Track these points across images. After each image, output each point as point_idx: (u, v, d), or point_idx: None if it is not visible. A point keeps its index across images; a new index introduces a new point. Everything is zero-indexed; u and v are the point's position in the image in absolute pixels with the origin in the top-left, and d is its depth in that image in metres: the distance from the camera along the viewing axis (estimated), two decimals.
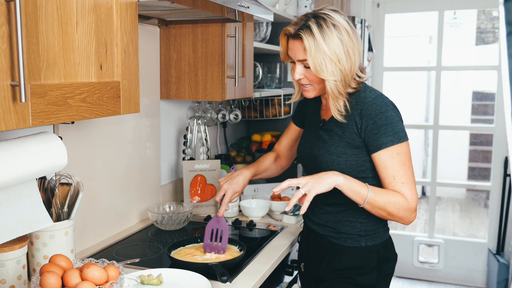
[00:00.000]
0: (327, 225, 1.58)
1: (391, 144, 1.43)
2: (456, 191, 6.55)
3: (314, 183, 1.42)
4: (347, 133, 1.49)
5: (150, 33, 1.99)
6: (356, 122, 1.47)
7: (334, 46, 1.42)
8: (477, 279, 3.84)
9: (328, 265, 1.57)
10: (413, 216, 1.47)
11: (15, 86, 0.88)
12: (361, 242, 1.54)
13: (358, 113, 1.47)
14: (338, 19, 1.45)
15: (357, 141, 1.48)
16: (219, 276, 1.42)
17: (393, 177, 1.45)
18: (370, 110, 1.45)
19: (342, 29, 1.44)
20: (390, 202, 1.43)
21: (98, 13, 1.12)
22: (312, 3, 3.00)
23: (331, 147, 1.52)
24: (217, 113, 2.47)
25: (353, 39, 1.46)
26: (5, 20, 0.86)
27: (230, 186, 1.68)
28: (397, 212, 1.44)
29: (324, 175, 1.45)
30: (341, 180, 1.43)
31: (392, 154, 1.44)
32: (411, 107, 6.27)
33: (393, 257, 1.61)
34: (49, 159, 1.15)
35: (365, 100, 1.48)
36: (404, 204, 1.44)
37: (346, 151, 1.49)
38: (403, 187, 1.44)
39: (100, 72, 1.14)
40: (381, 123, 1.44)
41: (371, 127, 1.44)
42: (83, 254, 1.64)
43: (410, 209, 1.45)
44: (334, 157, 1.51)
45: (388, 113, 1.45)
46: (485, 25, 6.92)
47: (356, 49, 1.47)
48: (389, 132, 1.43)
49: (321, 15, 1.45)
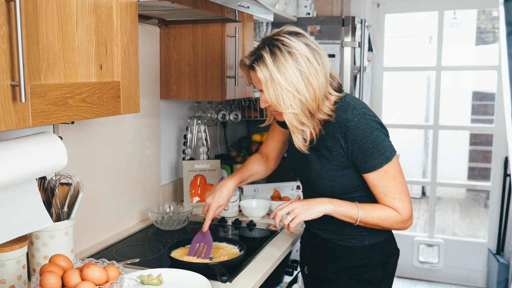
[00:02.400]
0: (329, 229, 1.59)
1: (379, 167, 1.43)
2: (456, 191, 6.55)
3: (301, 210, 1.48)
4: (335, 155, 1.47)
5: (150, 33, 1.99)
6: (342, 145, 1.45)
7: (291, 76, 1.33)
8: (477, 279, 3.84)
9: (334, 266, 1.58)
10: (409, 223, 1.49)
11: (15, 86, 0.88)
12: (364, 240, 1.55)
13: (342, 137, 1.44)
14: (295, 45, 1.35)
15: (345, 163, 1.47)
16: (219, 276, 1.42)
17: (384, 194, 1.46)
18: (355, 135, 1.41)
19: (299, 57, 1.34)
20: (381, 218, 1.47)
21: (98, 13, 1.12)
22: (312, 3, 3.00)
23: (321, 171, 1.51)
24: (217, 113, 2.47)
25: (314, 64, 1.36)
26: (5, 20, 0.86)
27: (213, 200, 1.66)
28: (390, 225, 1.48)
29: (314, 203, 1.48)
30: (331, 208, 1.47)
31: (380, 173, 1.44)
32: (411, 107, 6.27)
33: (396, 252, 1.63)
34: (49, 159, 1.15)
35: (348, 124, 1.42)
36: (397, 217, 1.47)
37: (336, 174, 1.49)
38: (394, 202, 1.46)
39: (100, 72, 1.14)
40: (367, 147, 1.41)
41: (357, 152, 1.42)
42: (83, 254, 1.64)
43: (403, 220, 1.47)
44: (326, 182, 1.51)
45: (373, 135, 1.41)
46: (485, 25, 6.92)
47: (321, 73, 1.37)
48: (375, 155, 1.41)
49: (275, 43, 1.37)
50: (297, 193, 2.31)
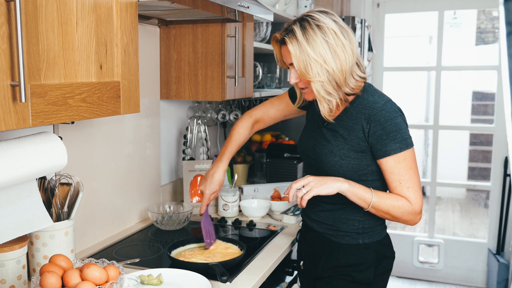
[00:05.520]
0: (325, 223, 1.59)
1: (399, 151, 1.44)
2: (456, 191, 6.55)
3: (316, 184, 1.45)
4: (352, 136, 1.49)
5: (150, 33, 1.99)
6: (363, 126, 1.47)
7: (319, 47, 1.41)
8: (477, 279, 3.84)
9: (326, 263, 1.58)
10: (418, 218, 1.49)
11: (15, 86, 0.88)
12: (358, 239, 1.55)
13: (365, 118, 1.47)
14: (323, 20, 1.44)
15: (362, 146, 1.48)
16: (219, 276, 1.42)
17: (399, 182, 1.46)
18: (380, 116, 1.45)
19: (327, 30, 1.42)
20: (394, 206, 1.46)
21: (98, 13, 1.12)
22: (312, 3, 3.00)
23: (334, 148, 1.52)
24: (217, 113, 2.48)
25: (341, 38, 1.44)
26: (5, 20, 0.86)
27: (206, 188, 1.74)
28: (401, 215, 1.47)
29: (329, 180, 1.47)
30: (346, 186, 1.45)
31: (399, 159, 1.45)
32: (411, 107, 6.26)
33: (391, 255, 1.62)
34: (49, 159, 1.15)
35: (374, 106, 1.47)
36: (408, 208, 1.46)
37: (349, 154, 1.50)
38: (408, 191, 1.46)
39: (100, 72, 1.14)
40: (390, 130, 1.44)
41: (380, 133, 1.44)
42: (83, 254, 1.64)
43: (415, 213, 1.47)
44: (337, 159, 1.51)
45: (397, 119, 1.46)
46: (485, 25, 6.92)
47: (348, 48, 1.45)
48: (398, 139, 1.44)
49: (306, 18, 1.46)
50: None
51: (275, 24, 2.60)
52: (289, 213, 2.07)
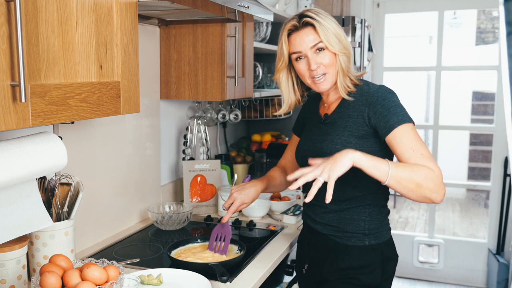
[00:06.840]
0: (329, 224, 1.56)
1: (403, 122, 1.42)
2: (456, 191, 6.55)
3: (331, 168, 1.31)
4: (351, 123, 1.50)
5: (150, 33, 1.99)
6: (362, 112, 1.48)
7: (334, 25, 1.50)
8: (477, 279, 3.84)
9: (332, 265, 1.55)
10: (442, 188, 1.36)
11: (15, 86, 0.88)
12: (365, 241, 1.52)
13: (364, 103, 1.49)
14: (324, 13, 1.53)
15: (361, 131, 1.47)
16: (219, 276, 1.42)
17: (412, 150, 1.38)
18: (377, 97, 1.47)
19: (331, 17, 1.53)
20: (414, 171, 1.33)
21: (98, 13, 1.12)
22: (312, 3, 3.00)
23: (335, 138, 1.51)
24: (217, 113, 2.47)
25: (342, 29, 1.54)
26: (5, 20, 0.86)
27: (239, 196, 1.67)
28: (425, 181, 1.33)
29: (338, 155, 1.33)
30: (358, 155, 1.32)
31: (406, 129, 1.41)
32: (411, 107, 6.25)
33: (395, 257, 1.60)
34: (49, 159, 1.15)
35: (370, 91, 1.50)
36: (430, 172, 1.34)
37: (350, 140, 1.48)
38: (423, 158, 1.36)
39: (100, 72, 1.14)
40: (390, 105, 1.45)
41: (380, 111, 1.45)
42: (83, 254, 1.64)
43: (438, 178, 1.34)
44: (339, 147, 1.48)
45: (394, 98, 1.48)
46: (485, 25, 6.92)
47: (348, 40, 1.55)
48: (399, 112, 1.43)
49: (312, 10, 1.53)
50: (297, 193, 2.31)
51: (275, 24, 2.60)
52: (289, 213, 2.07)
